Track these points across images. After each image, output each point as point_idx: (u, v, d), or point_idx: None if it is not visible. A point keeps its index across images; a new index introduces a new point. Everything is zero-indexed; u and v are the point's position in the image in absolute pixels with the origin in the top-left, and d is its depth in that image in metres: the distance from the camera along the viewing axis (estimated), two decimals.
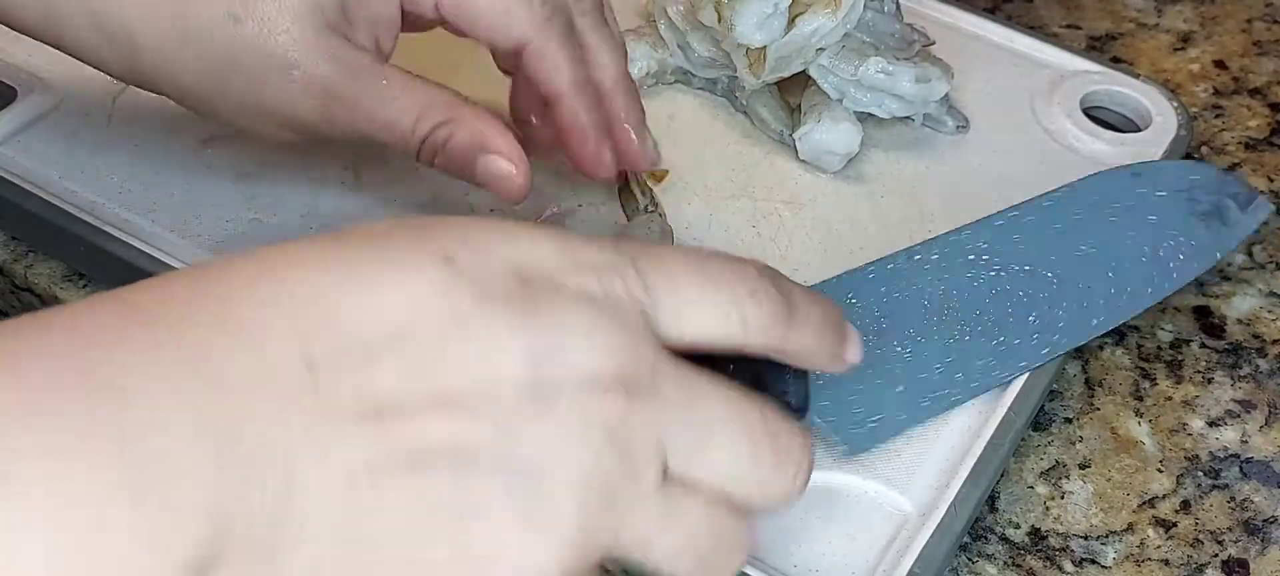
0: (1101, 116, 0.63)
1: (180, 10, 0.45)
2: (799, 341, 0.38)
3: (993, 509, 0.50)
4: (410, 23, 0.50)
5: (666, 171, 0.58)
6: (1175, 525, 0.50)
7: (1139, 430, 0.53)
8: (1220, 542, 0.50)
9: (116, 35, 0.46)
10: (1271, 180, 0.64)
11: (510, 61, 0.51)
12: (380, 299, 0.32)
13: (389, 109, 0.47)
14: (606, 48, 0.51)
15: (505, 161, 0.48)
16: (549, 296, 0.33)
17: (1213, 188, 0.56)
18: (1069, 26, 0.72)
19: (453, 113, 0.48)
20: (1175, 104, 0.63)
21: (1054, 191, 0.54)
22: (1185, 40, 0.71)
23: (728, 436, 0.35)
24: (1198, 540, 0.50)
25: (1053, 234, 0.52)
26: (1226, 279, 0.59)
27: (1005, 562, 0.49)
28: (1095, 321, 0.52)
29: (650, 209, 0.55)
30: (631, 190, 0.56)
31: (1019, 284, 0.50)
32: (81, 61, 0.48)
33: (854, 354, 0.40)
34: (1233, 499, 0.51)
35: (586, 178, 0.52)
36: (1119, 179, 0.55)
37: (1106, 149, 0.61)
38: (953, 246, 0.50)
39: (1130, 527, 0.50)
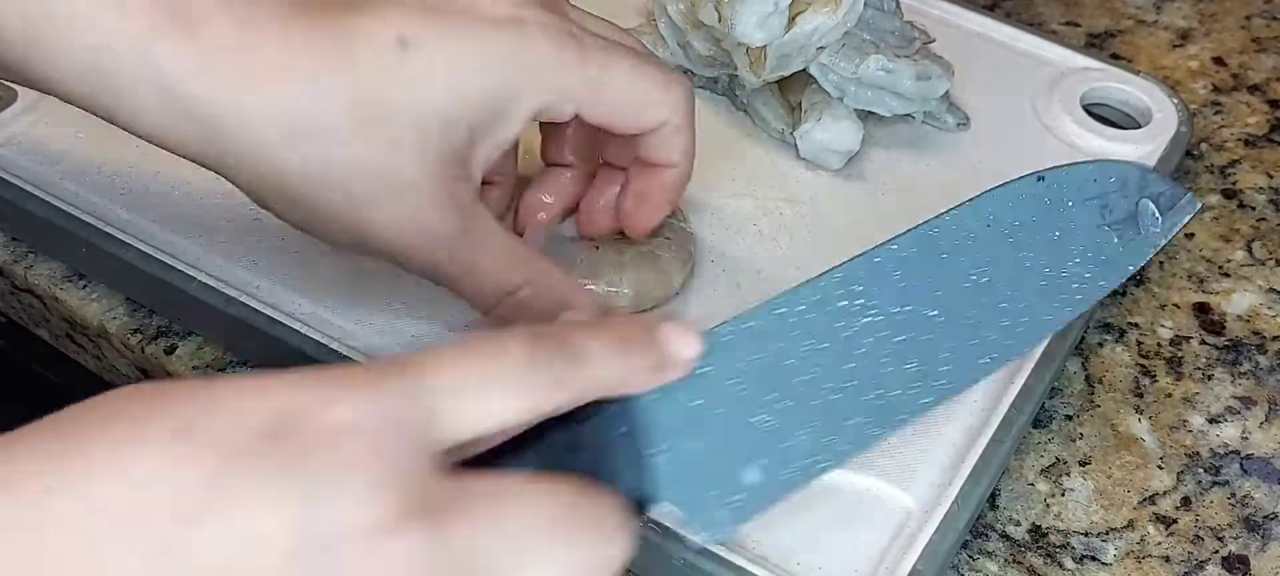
0: (1101, 113, 0.63)
1: (298, 107, 0.39)
2: (602, 376, 0.35)
3: (993, 506, 0.50)
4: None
5: None
6: (1176, 522, 0.50)
7: (1139, 427, 0.53)
8: (1221, 539, 0.50)
9: (194, 114, 0.40)
10: (1271, 177, 0.64)
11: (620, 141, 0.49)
12: (96, 493, 0.29)
13: (482, 257, 0.44)
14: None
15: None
16: (304, 443, 0.30)
17: (1132, 190, 0.50)
18: (1068, 23, 0.72)
19: (533, 272, 0.45)
20: (1175, 101, 0.63)
21: (944, 214, 0.47)
22: (1184, 37, 0.71)
23: (543, 543, 0.32)
24: (1198, 537, 0.50)
25: (938, 264, 0.46)
26: (1226, 276, 0.59)
27: (1006, 560, 0.49)
28: (985, 361, 0.46)
29: (670, 216, 0.55)
30: None
31: (898, 328, 0.44)
32: (138, 135, 0.43)
33: (683, 350, 0.37)
34: (1233, 495, 0.51)
35: (629, 233, 0.51)
36: (1020, 190, 0.49)
37: (1106, 145, 0.61)
38: (823, 292, 0.43)
39: (1131, 524, 0.50)
